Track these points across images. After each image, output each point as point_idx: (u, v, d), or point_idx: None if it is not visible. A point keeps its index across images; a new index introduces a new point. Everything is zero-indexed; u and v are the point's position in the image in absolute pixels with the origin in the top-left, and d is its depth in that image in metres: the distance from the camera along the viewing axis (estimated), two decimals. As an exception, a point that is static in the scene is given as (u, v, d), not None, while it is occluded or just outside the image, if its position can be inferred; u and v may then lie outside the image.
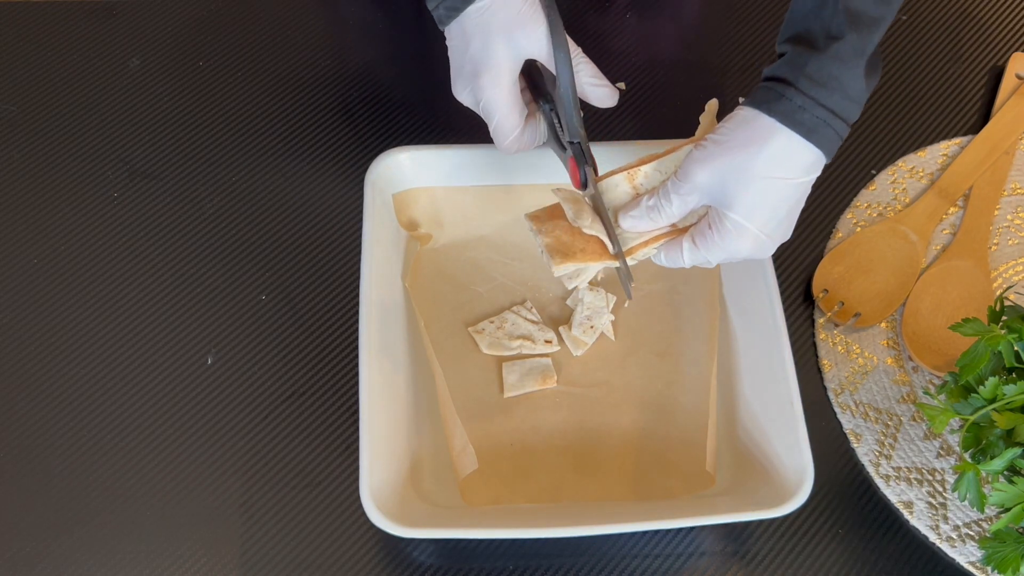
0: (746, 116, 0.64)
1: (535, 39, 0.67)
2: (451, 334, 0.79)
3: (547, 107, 0.72)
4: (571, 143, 0.70)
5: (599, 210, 0.70)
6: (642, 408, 0.77)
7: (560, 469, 0.75)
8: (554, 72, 0.69)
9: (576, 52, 0.70)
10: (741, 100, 0.66)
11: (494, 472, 0.74)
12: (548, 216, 0.71)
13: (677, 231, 0.69)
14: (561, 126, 0.71)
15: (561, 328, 0.79)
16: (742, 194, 0.63)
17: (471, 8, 0.67)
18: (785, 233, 0.67)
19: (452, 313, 0.80)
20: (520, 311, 0.80)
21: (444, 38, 0.71)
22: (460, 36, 0.68)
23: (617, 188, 0.69)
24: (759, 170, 0.63)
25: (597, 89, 0.71)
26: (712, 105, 0.70)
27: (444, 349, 0.78)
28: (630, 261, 0.69)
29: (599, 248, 0.69)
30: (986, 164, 0.88)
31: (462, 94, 0.70)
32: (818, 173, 0.65)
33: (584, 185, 0.71)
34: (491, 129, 0.71)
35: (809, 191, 0.66)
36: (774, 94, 0.63)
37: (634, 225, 0.68)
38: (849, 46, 0.63)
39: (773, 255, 0.76)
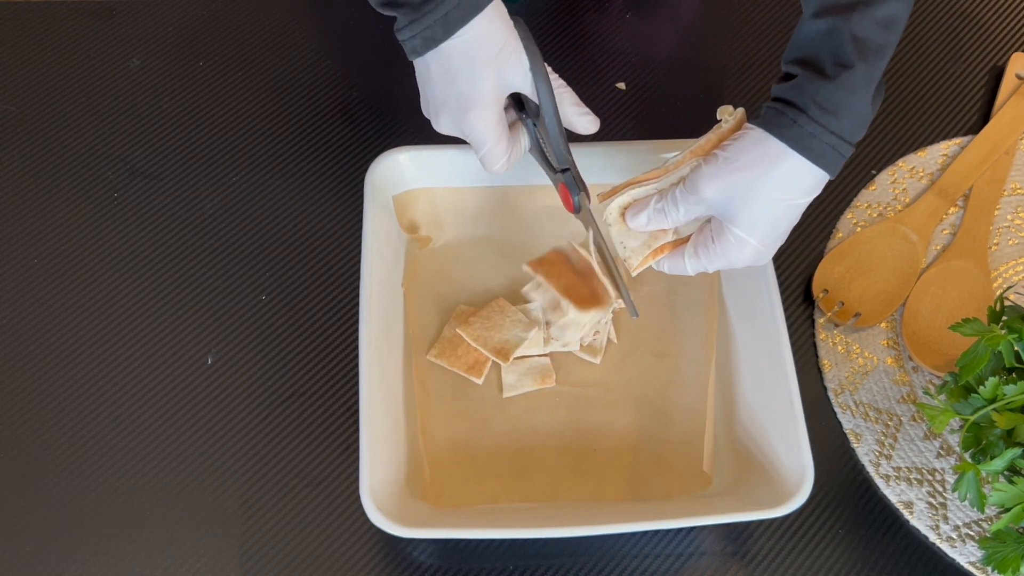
0: (756, 137, 0.65)
1: (518, 72, 0.67)
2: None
3: (529, 121, 0.72)
4: (563, 170, 0.72)
5: (597, 233, 0.73)
6: (640, 408, 0.77)
7: (557, 469, 0.75)
8: (536, 102, 0.69)
9: (556, 81, 0.70)
10: (747, 124, 0.66)
11: (492, 472, 0.74)
12: (551, 262, 0.75)
13: (680, 241, 0.70)
14: (546, 148, 0.72)
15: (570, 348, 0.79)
16: (747, 212, 0.65)
17: (454, 41, 0.66)
18: (780, 243, 0.68)
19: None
20: (513, 312, 0.79)
21: None
22: (441, 69, 0.67)
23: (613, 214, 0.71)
24: (765, 191, 0.64)
25: (581, 118, 0.71)
26: (740, 114, 0.69)
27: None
28: (635, 273, 0.71)
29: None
30: (986, 164, 0.88)
31: (446, 127, 0.70)
32: (819, 192, 0.66)
33: (577, 210, 0.73)
34: (480, 156, 0.71)
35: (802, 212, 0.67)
36: (786, 119, 0.64)
37: (640, 224, 0.69)
38: (859, 75, 0.63)
39: (773, 255, 0.77)
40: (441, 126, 0.70)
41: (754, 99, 0.92)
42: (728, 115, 0.69)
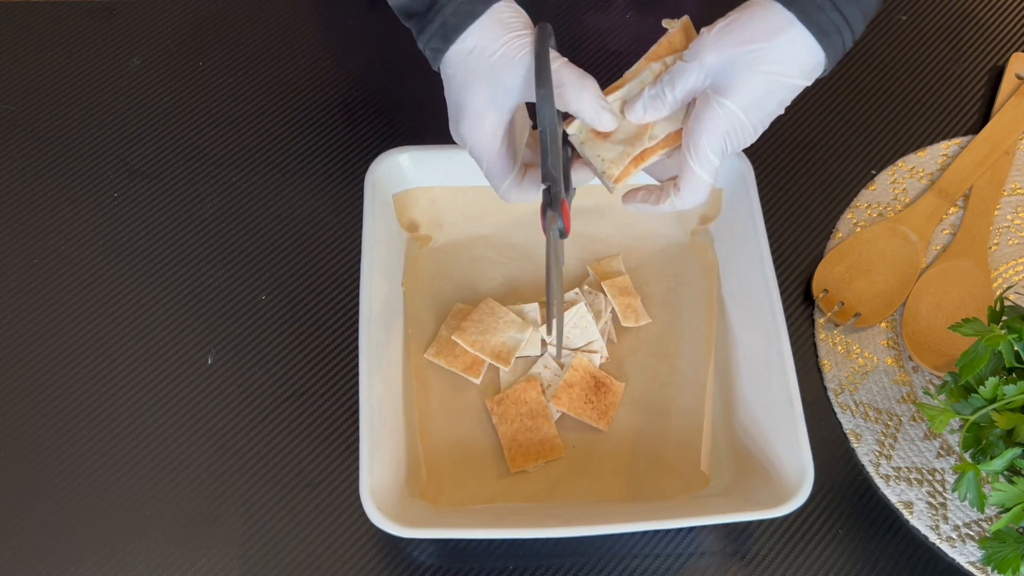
0: (761, 5, 0.64)
1: (518, 81, 0.64)
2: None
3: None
4: (546, 188, 0.65)
5: (553, 260, 0.66)
6: (639, 408, 0.77)
7: (556, 469, 0.75)
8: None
9: (574, 73, 0.64)
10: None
11: (489, 471, 0.74)
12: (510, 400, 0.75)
13: (660, 144, 0.67)
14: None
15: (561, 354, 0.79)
16: (742, 81, 0.63)
17: (453, 50, 0.65)
18: (762, 127, 0.66)
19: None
20: (505, 312, 0.79)
21: None
22: (445, 79, 0.67)
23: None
24: (765, 61, 0.63)
25: (599, 115, 0.65)
26: (684, 20, 0.68)
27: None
28: (616, 187, 0.67)
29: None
30: (986, 164, 0.88)
31: (454, 136, 0.69)
32: (810, 82, 0.65)
33: (547, 230, 0.66)
34: (484, 175, 0.69)
35: (793, 98, 0.66)
36: None
37: (637, 116, 0.66)
38: None
39: (773, 255, 0.77)
40: (452, 133, 0.69)
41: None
42: (671, 25, 0.68)
